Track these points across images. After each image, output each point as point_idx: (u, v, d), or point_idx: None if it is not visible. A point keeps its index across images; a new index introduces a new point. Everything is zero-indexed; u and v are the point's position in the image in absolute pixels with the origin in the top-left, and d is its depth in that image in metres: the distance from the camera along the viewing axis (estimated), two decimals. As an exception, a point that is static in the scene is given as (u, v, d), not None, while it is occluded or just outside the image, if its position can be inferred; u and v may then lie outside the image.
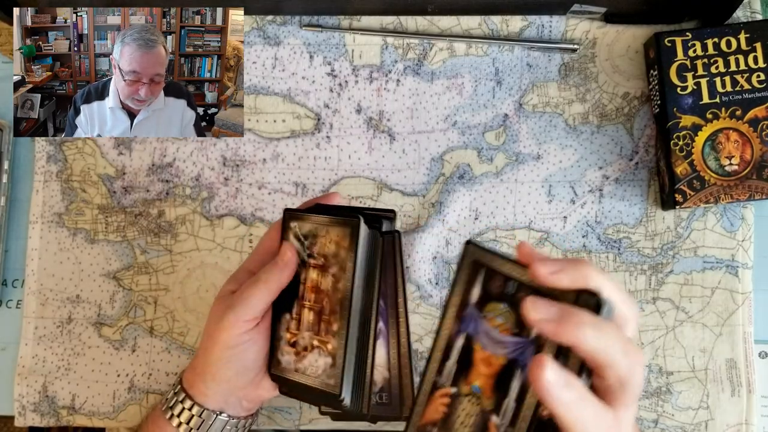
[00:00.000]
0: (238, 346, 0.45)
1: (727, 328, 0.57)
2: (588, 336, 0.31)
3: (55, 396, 0.59)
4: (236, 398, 0.48)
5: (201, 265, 0.59)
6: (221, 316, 0.45)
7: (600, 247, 0.58)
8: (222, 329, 0.45)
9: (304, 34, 0.60)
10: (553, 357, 0.33)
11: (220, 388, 0.47)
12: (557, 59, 0.59)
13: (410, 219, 0.59)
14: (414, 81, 0.59)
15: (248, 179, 0.59)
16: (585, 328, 0.31)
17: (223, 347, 0.45)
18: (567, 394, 0.31)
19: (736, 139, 0.54)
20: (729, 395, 0.56)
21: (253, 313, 0.44)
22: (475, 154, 0.59)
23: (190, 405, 0.47)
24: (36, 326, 0.59)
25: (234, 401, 0.48)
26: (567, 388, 0.31)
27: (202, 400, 0.47)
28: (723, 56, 0.54)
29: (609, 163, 0.58)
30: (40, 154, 0.60)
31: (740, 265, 0.57)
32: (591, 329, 0.31)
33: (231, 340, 0.45)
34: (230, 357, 0.45)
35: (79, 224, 0.60)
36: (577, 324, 0.31)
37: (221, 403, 0.47)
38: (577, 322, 0.31)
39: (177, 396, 0.48)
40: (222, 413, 0.47)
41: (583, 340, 0.31)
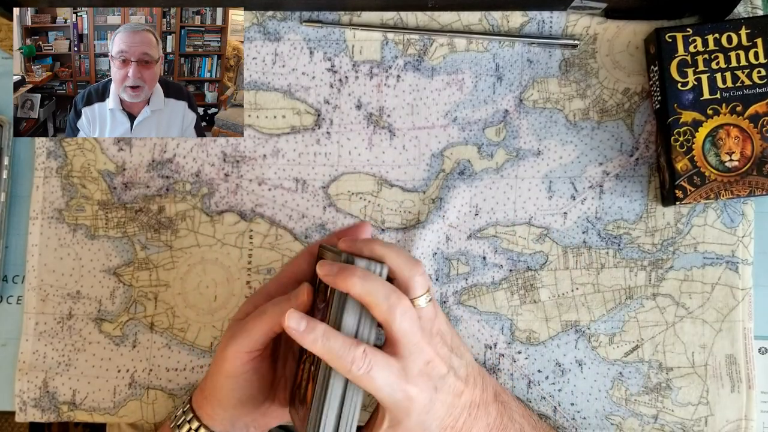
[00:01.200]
0: (240, 376, 0.45)
1: (727, 324, 0.57)
2: (356, 283, 0.40)
3: (55, 392, 0.59)
4: (243, 423, 0.48)
5: (201, 260, 0.59)
6: (224, 346, 0.45)
7: (600, 243, 0.58)
8: (224, 359, 0.45)
9: (304, 30, 0.60)
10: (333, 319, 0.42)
11: (225, 413, 0.47)
12: (558, 55, 0.59)
13: (410, 215, 0.59)
14: (414, 77, 0.59)
15: (248, 175, 0.59)
16: (354, 278, 0.40)
17: (226, 376, 0.45)
18: (310, 334, 0.40)
19: (737, 135, 0.54)
20: (729, 391, 0.56)
21: (253, 346, 0.44)
22: (476, 150, 0.59)
23: (197, 426, 0.47)
24: (36, 322, 0.59)
25: (241, 426, 0.48)
26: (308, 330, 0.40)
27: (209, 422, 0.47)
28: (724, 52, 0.54)
29: (609, 159, 0.58)
30: (40, 150, 0.60)
31: (740, 261, 0.57)
32: (357, 278, 0.40)
33: (233, 369, 0.45)
34: (233, 385, 0.45)
35: (80, 220, 0.60)
36: (349, 274, 0.40)
37: (228, 427, 0.47)
38: (349, 273, 0.40)
39: (185, 415, 0.48)
40: None
41: (351, 286, 0.40)
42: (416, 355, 0.42)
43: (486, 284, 0.58)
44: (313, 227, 0.59)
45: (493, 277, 0.58)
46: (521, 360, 0.57)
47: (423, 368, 0.42)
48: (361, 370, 0.40)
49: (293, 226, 0.59)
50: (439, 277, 0.58)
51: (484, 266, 0.58)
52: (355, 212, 0.59)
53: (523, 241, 0.58)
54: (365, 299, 0.41)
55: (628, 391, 0.57)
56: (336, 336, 0.40)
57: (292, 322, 0.40)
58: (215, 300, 0.59)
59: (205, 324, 0.59)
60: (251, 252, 0.59)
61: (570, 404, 0.57)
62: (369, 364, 0.40)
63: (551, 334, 0.57)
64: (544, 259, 0.58)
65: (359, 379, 0.40)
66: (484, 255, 0.58)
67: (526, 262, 0.58)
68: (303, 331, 0.40)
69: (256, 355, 0.45)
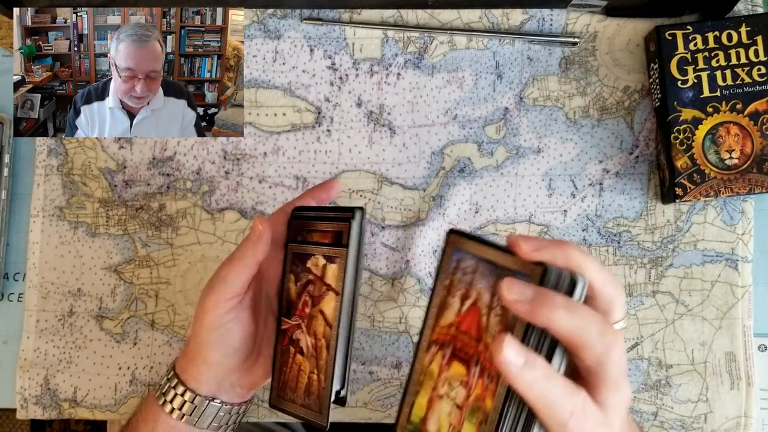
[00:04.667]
0: (222, 326, 0.45)
1: (726, 321, 0.57)
2: (561, 317, 0.31)
3: (56, 389, 0.59)
4: (229, 383, 0.48)
5: (202, 258, 0.59)
6: (203, 299, 0.45)
7: (600, 240, 0.58)
8: (205, 311, 0.45)
9: (304, 28, 0.60)
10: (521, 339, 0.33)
11: (211, 372, 0.47)
12: (558, 53, 0.59)
13: (410, 212, 0.59)
14: (414, 74, 0.59)
15: (249, 173, 0.59)
16: (558, 310, 0.31)
17: (209, 329, 0.45)
18: (529, 373, 0.31)
19: (737, 133, 0.54)
20: (728, 388, 0.56)
21: (232, 291, 0.45)
22: (476, 147, 0.59)
23: (183, 391, 0.47)
24: (38, 319, 0.59)
25: (227, 386, 0.48)
26: (528, 366, 0.31)
27: (195, 385, 0.47)
28: (724, 49, 0.54)
29: (609, 157, 0.58)
30: (40, 147, 0.61)
31: (740, 259, 0.57)
32: (564, 310, 0.31)
33: (215, 320, 0.45)
34: (217, 338, 0.46)
35: (80, 218, 0.60)
36: (550, 305, 0.31)
37: (214, 388, 0.47)
38: (550, 303, 0.31)
39: (170, 382, 0.48)
40: (215, 399, 0.47)
41: (556, 321, 0.31)
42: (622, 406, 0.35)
43: (486, 282, 0.58)
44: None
45: (493, 274, 0.58)
46: (521, 357, 0.57)
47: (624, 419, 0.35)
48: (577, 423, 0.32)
49: (294, 223, 0.59)
50: (440, 275, 0.58)
51: (484, 264, 0.58)
52: (356, 210, 0.59)
53: (523, 239, 0.58)
54: (573, 338, 0.32)
55: (627, 388, 0.57)
56: (558, 379, 0.32)
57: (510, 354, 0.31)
58: (216, 297, 0.59)
59: (206, 321, 0.59)
60: (252, 249, 0.59)
61: (570, 401, 0.57)
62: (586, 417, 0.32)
63: (551, 331, 0.57)
64: (544, 257, 0.58)
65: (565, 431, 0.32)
66: (484, 252, 0.58)
67: (526, 259, 0.58)
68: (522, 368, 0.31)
69: (235, 303, 0.45)
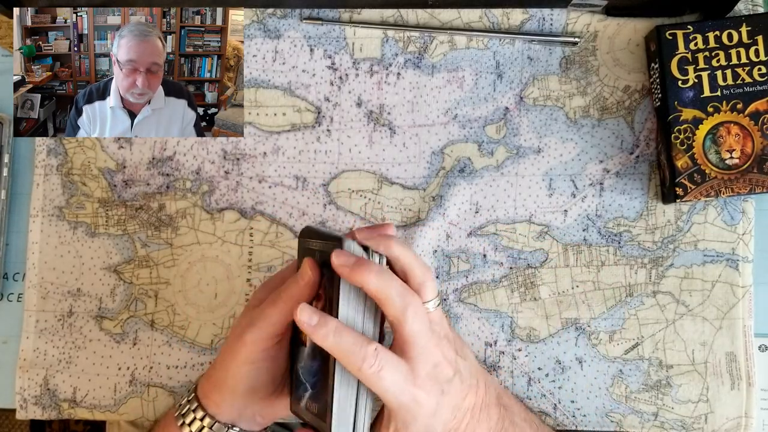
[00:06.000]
0: (257, 363, 0.45)
1: (727, 321, 0.57)
2: (371, 278, 0.39)
3: (56, 389, 0.59)
4: (251, 412, 0.47)
5: (202, 258, 0.59)
6: (242, 332, 0.45)
7: (600, 240, 0.58)
8: (242, 344, 0.44)
9: (304, 27, 0.60)
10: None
11: (235, 402, 0.46)
12: (558, 52, 0.59)
13: (411, 212, 0.59)
14: (414, 74, 0.59)
15: (249, 173, 0.59)
16: (370, 272, 0.39)
17: (243, 362, 0.45)
18: (321, 329, 0.39)
19: (737, 133, 0.54)
20: (729, 388, 0.56)
21: (274, 331, 0.44)
22: (476, 147, 0.59)
23: (202, 416, 0.47)
24: (37, 319, 0.59)
25: (248, 415, 0.47)
26: (320, 324, 0.39)
27: (215, 411, 0.47)
28: (724, 49, 0.54)
29: (610, 157, 0.58)
30: (40, 147, 0.60)
31: (740, 259, 0.57)
32: (374, 274, 0.40)
33: (251, 355, 0.44)
34: (249, 372, 0.45)
35: (80, 218, 0.60)
36: (365, 269, 0.39)
37: (234, 416, 0.47)
38: (365, 267, 0.40)
39: (190, 404, 0.48)
40: (234, 427, 0.47)
41: (367, 281, 0.39)
42: (425, 357, 0.41)
43: (486, 282, 0.58)
44: (314, 225, 0.59)
45: (494, 274, 0.58)
46: (521, 357, 0.57)
47: (431, 371, 0.42)
48: (371, 368, 0.39)
49: (293, 223, 0.59)
50: (440, 275, 0.58)
51: (485, 264, 0.58)
52: (356, 210, 0.59)
53: (524, 239, 0.58)
54: (379, 295, 0.40)
55: (628, 388, 0.57)
56: (348, 332, 0.40)
57: (304, 315, 0.40)
58: (215, 297, 0.59)
59: (206, 321, 0.59)
60: (251, 250, 0.59)
61: (570, 402, 0.57)
62: (380, 363, 0.39)
63: (551, 331, 0.57)
64: (545, 257, 0.58)
65: (368, 378, 0.40)
66: (485, 252, 0.58)
67: (526, 259, 0.58)
68: (315, 326, 0.39)
69: (275, 342, 0.45)
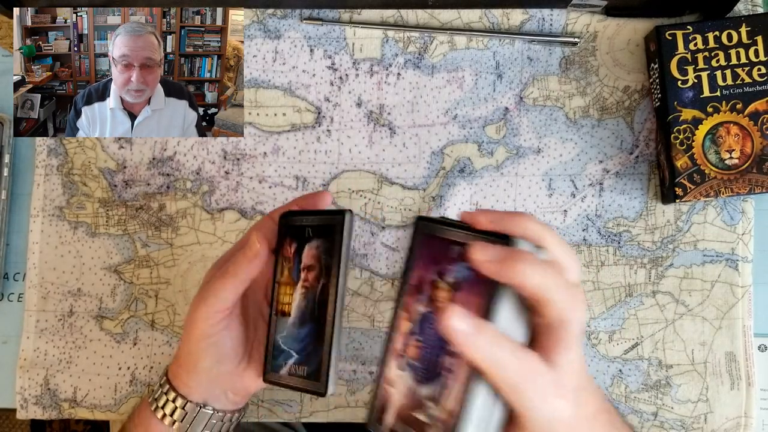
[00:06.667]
0: (213, 336, 0.46)
1: (726, 321, 0.57)
2: (528, 272, 0.32)
3: (56, 389, 0.59)
4: (221, 390, 0.48)
5: (202, 258, 0.59)
6: (195, 309, 0.46)
7: (600, 240, 0.58)
8: (195, 320, 0.45)
9: (304, 28, 0.60)
10: None
11: (201, 378, 0.47)
12: (558, 53, 0.59)
13: (411, 212, 0.59)
14: (414, 74, 0.59)
15: (249, 173, 0.59)
16: (526, 266, 0.32)
17: (199, 338, 0.46)
18: (479, 339, 0.32)
19: (737, 133, 0.54)
20: (728, 388, 0.56)
21: (223, 305, 0.45)
22: (476, 147, 0.59)
23: (174, 397, 0.47)
24: (37, 319, 0.59)
25: (219, 393, 0.48)
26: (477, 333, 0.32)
27: (186, 391, 0.47)
28: (724, 49, 0.54)
29: (609, 157, 0.58)
30: (40, 147, 0.61)
31: (740, 259, 0.57)
32: (531, 266, 0.32)
33: (205, 330, 0.45)
34: (207, 347, 0.46)
35: (80, 218, 0.60)
36: (519, 261, 0.32)
37: (205, 395, 0.48)
38: (519, 259, 0.32)
39: (162, 388, 0.48)
40: (206, 406, 0.48)
41: (525, 277, 0.32)
42: (573, 367, 0.35)
43: (486, 282, 0.58)
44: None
45: (493, 274, 0.58)
46: (521, 357, 0.57)
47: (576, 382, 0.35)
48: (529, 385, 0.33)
49: (294, 223, 0.59)
50: (440, 275, 0.58)
51: (484, 264, 0.58)
52: (356, 210, 0.59)
53: (523, 239, 0.58)
54: (542, 294, 0.33)
55: (627, 388, 0.57)
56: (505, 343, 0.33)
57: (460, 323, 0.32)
58: (216, 297, 0.59)
59: (206, 321, 0.59)
60: (252, 249, 0.59)
61: (570, 401, 0.57)
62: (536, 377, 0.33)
63: (551, 331, 0.57)
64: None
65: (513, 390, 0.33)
66: (484, 252, 0.58)
67: (526, 259, 0.58)
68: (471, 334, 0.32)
69: (225, 315, 0.45)
